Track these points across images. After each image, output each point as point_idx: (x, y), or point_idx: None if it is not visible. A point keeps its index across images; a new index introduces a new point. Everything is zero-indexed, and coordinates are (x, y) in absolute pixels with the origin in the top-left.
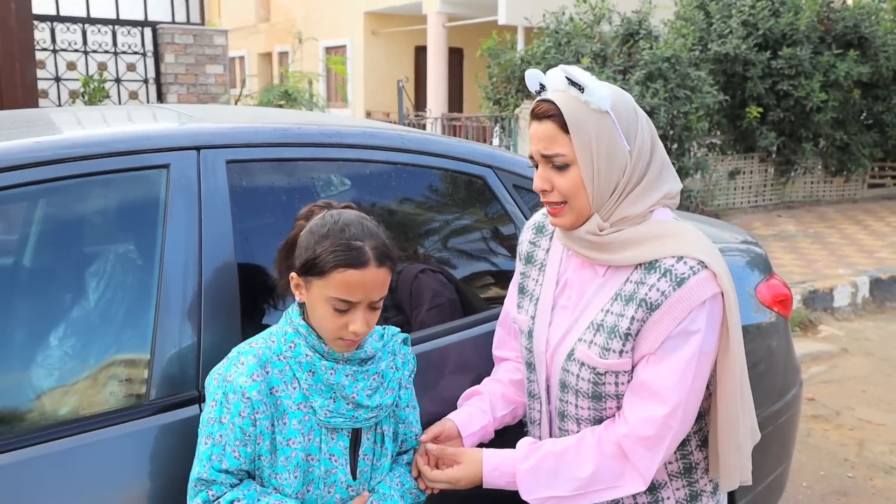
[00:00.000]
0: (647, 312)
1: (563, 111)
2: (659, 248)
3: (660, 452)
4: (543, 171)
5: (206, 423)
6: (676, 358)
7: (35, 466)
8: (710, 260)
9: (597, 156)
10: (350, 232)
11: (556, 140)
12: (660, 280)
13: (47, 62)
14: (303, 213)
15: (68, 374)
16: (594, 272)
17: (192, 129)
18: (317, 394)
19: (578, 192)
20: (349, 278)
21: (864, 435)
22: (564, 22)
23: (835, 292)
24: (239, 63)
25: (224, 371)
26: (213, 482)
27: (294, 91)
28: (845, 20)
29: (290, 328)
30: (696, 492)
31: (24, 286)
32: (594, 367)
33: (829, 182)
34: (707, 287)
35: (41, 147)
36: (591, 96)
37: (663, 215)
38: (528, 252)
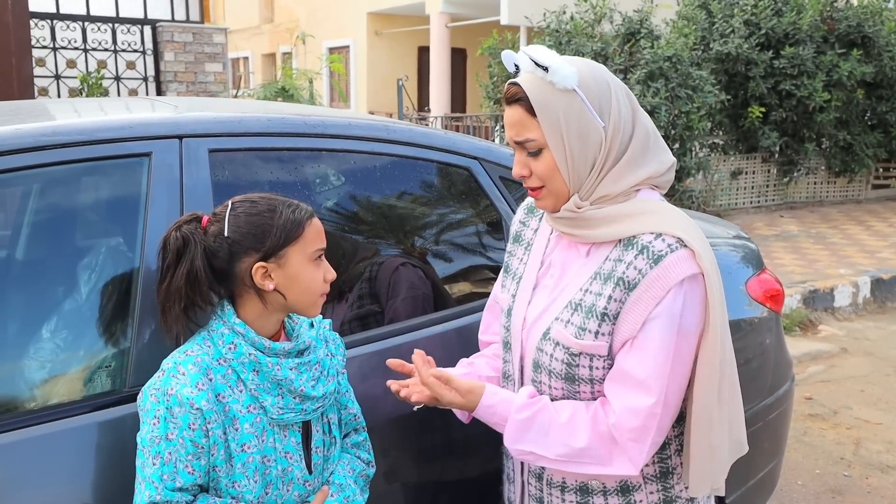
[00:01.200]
0: (625, 292)
1: (528, 94)
2: (637, 224)
3: (647, 441)
4: (520, 156)
5: (150, 442)
6: (656, 343)
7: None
8: (689, 238)
9: (567, 137)
10: (278, 198)
11: (525, 125)
12: (637, 257)
13: (47, 60)
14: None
15: (47, 361)
16: (577, 252)
17: (175, 117)
18: (265, 392)
19: (554, 174)
20: (316, 226)
21: (862, 434)
22: (565, 21)
23: (835, 292)
24: (243, 63)
25: (163, 385)
26: (167, 503)
27: (292, 88)
28: (849, 19)
29: (225, 329)
30: (671, 497)
31: (2, 272)
32: (568, 346)
33: (832, 182)
34: (685, 266)
35: (22, 134)
36: (555, 76)
37: (649, 196)
38: (517, 231)
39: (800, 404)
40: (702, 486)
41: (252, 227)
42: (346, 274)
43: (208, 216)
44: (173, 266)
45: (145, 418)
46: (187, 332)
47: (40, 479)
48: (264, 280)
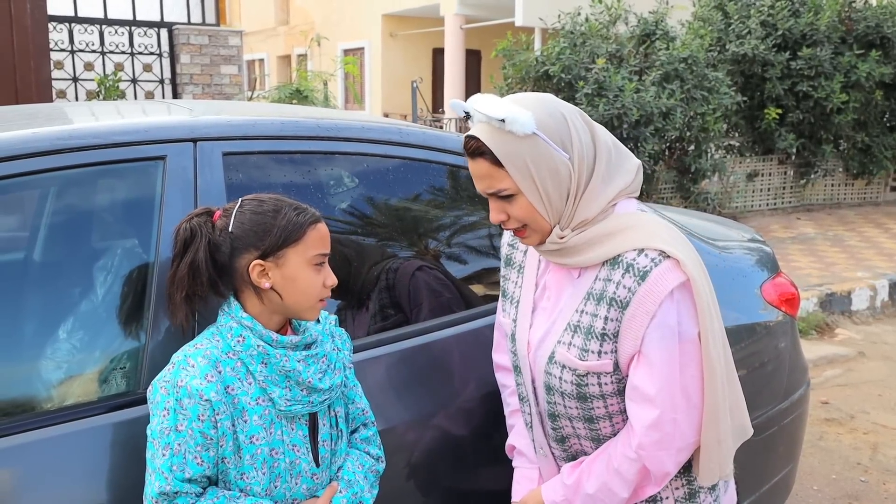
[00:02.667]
0: (619, 311)
1: (491, 148)
2: (620, 243)
3: (673, 446)
4: (494, 203)
5: (160, 434)
6: (659, 356)
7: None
8: (671, 248)
9: (539, 179)
10: (287, 200)
11: (494, 177)
12: (624, 276)
13: (65, 63)
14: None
15: (63, 362)
16: (568, 273)
17: (189, 121)
18: (273, 384)
19: (533, 215)
20: (320, 231)
21: (879, 439)
22: (580, 23)
23: (853, 295)
24: (259, 65)
25: (172, 377)
26: (176, 494)
27: (306, 90)
28: (867, 20)
29: (233, 323)
30: (695, 489)
31: (20, 274)
32: (574, 368)
33: (849, 185)
34: (671, 276)
35: (39, 138)
36: (514, 125)
37: (626, 207)
38: (507, 255)
39: (816, 408)
40: (711, 476)
41: (254, 225)
42: (363, 278)
43: (220, 211)
44: (180, 255)
45: (155, 410)
46: (193, 323)
47: (56, 480)
48: (261, 278)
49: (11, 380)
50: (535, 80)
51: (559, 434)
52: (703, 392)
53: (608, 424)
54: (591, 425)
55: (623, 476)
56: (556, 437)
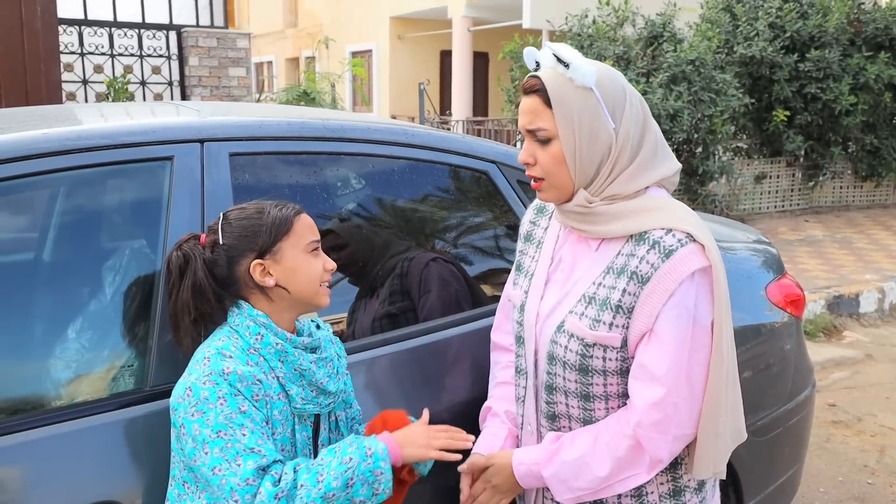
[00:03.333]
0: (638, 286)
1: (547, 86)
2: (648, 220)
3: (670, 432)
4: (528, 144)
5: (227, 421)
6: (671, 335)
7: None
8: (698, 233)
9: (579, 132)
10: (266, 201)
11: (539, 114)
12: (649, 252)
13: (75, 65)
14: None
15: (72, 361)
16: (587, 246)
17: (196, 121)
18: (290, 382)
19: (559, 168)
20: (306, 221)
21: (886, 441)
22: (587, 25)
23: (861, 298)
24: (267, 68)
25: (214, 368)
26: (271, 464)
27: (313, 92)
28: (876, 22)
29: (249, 322)
30: (680, 487)
31: (29, 274)
32: (583, 337)
33: (858, 187)
34: (695, 259)
35: (49, 138)
36: (575, 73)
37: (658, 193)
38: (527, 231)
39: (823, 411)
40: (705, 470)
41: (243, 230)
42: (372, 274)
43: (204, 234)
44: (178, 283)
45: (206, 407)
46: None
47: (66, 475)
48: (264, 277)
49: (19, 378)
50: None
51: (551, 411)
52: (707, 382)
53: (603, 406)
54: (586, 404)
55: (611, 451)
56: (548, 414)
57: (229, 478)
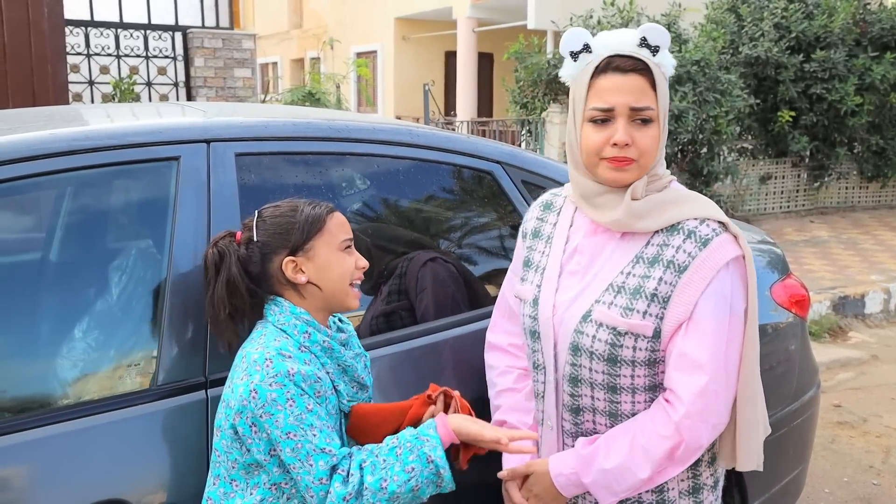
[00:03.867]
0: (675, 275)
1: (653, 68)
2: (681, 212)
3: (710, 420)
4: (626, 125)
5: (298, 421)
6: (711, 323)
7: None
8: (729, 224)
9: (665, 116)
10: (301, 199)
11: (646, 94)
12: (685, 241)
13: (81, 66)
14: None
15: (78, 360)
16: (609, 235)
17: (203, 122)
18: (338, 379)
19: (654, 150)
20: (339, 219)
21: (891, 442)
22: (592, 25)
23: (866, 298)
24: (272, 68)
25: (279, 369)
26: (339, 461)
27: (318, 92)
28: (882, 22)
29: (295, 320)
30: (699, 485)
31: (37, 273)
32: (614, 326)
33: (864, 188)
34: (730, 248)
35: (57, 138)
36: (664, 60)
37: (679, 186)
38: (535, 227)
39: (828, 412)
40: (749, 461)
41: (277, 227)
42: (376, 273)
43: (240, 231)
44: (213, 278)
45: (275, 409)
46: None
47: (77, 471)
48: (296, 273)
49: (25, 377)
50: (547, 82)
51: (575, 404)
52: (740, 371)
53: (629, 399)
54: (613, 396)
55: (649, 454)
56: (571, 407)
57: (303, 476)
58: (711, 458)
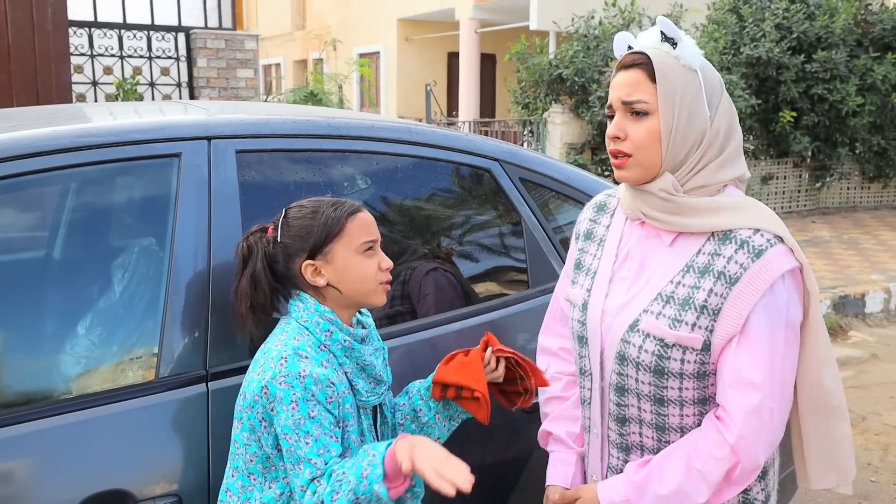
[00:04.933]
0: (726, 286)
1: (653, 60)
2: (733, 219)
3: (766, 437)
4: (621, 118)
5: (295, 426)
6: (765, 336)
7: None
8: (785, 235)
9: (679, 110)
10: (326, 199)
11: (640, 87)
12: (737, 252)
13: (85, 67)
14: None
15: (82, 357)
16: (659, 242)
17: (203, 119)
18: (356, 376)
19: (652, 144)
20: (362, 219)
21: (890, 440)
22: (594, 26)
23: (867, 298)
24: (275, 70)
25: (292, 370)
26: (324, 472)
27: (320, 92)
28: (883, 23)
29: (318, 318)
30: (749, 500)
31: (41, 269)
32: (662, 338)
33: (866, 188)
34: (785, 260)
35: (60, 135)
36: (684, 52)
37: (736, 192)
38: (587, 229)
39: None
40: (825, 478)
41: (298, 230)
42: None
43: (271, 226)
44: (240, 271)
45: (280, 407)
46: (256, 331)
47: (79, 461)
48: (315, 277)
49: (31, 371)
50: (549, 82)
51: (621, 414)
52: (801, 385)
53: (677, 412)
54: (660, 409)
55: (706, 478)
56: (617, 417)
57: (293, 478)
58: (762, 473)
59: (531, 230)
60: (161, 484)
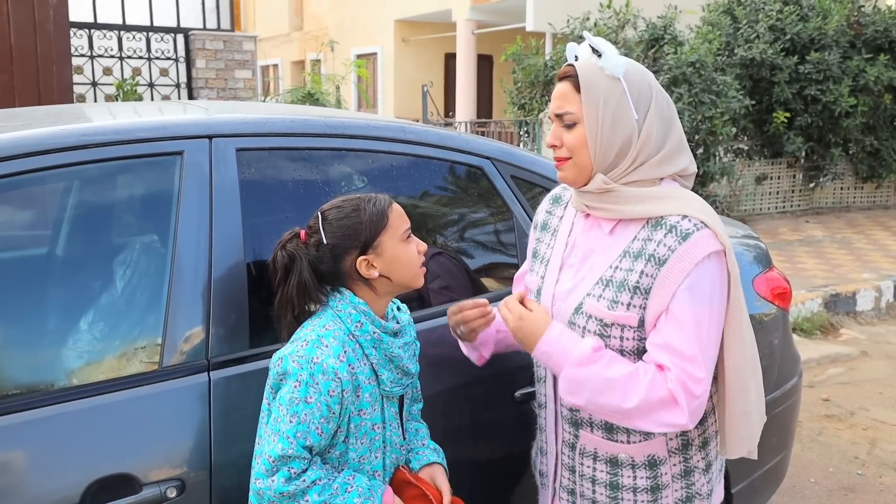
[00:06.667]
0: (656, 267)
1: (578, 72)
2: (665, 207)
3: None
4: (556, 128)
5: (290, 402)
6: (688, 313)
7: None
8: (710, 221)
9: (602, 117)
10: (357, 196)
11: (568, 99)
12: (666, 236)
13: (85, 68)
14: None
15: (89, 346)
16: (601, 231)
17: (205, 118)
18: (382, 367)
19: (581, 148)
20: (397, 210)
21: (877, 434)
22: (589, 27)
23: (858, 296)
24: (273, 70)
25: (307, 354)
26: (293, 458)
27: (318, 93)
28: (875, 24)
29: (352, 310)
30: (690, 468)
31: (47, 264)
32: (601, 318)
33: (859, 188)
34: (710, 242)
35: (66, 134)
36: (607, 62)
37: (673, 184)
38: (543, 220)
39: (817, 405)
40: (738, 448)
41: (345, 229)
42: None
43: (305, 230)
44: (283, 281)
45: (289, 380)
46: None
47: (85, 447)
48: (369, 270)
49: (40, 360)
50: (545, 83)
51: None
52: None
53: None
54: None
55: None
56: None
57: (263, 445)
58: (702, 442)
59: (522, 227)
60: (165, 469)
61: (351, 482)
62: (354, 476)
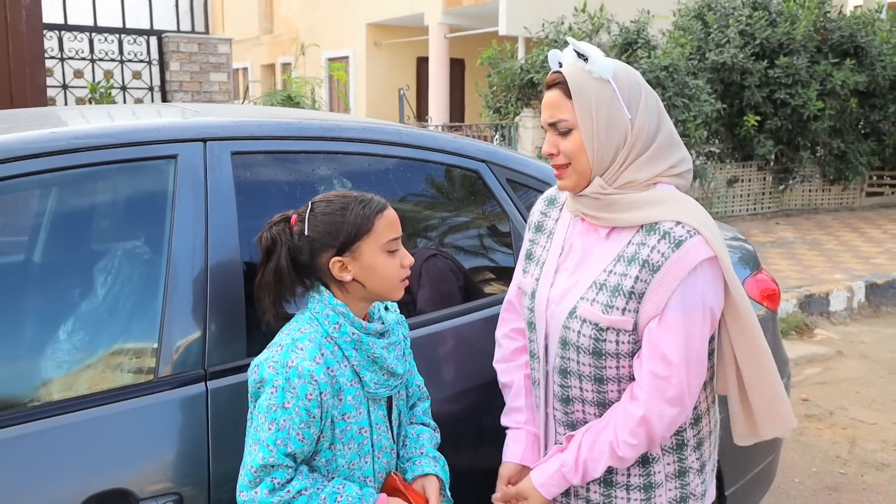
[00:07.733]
0: (650, 273)
1: (567, 79)
2: (659, 212)
3: (667, 393)
4: (551, 136)
5: (267, 409)
6: (679, 319)
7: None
8: (704, 228)
9: (597, 120)
10: (353, 194)
11: (560, 107)
12: (660, 242)
13: (55, 70)
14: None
15: (82, 357)
16: (597, 236)
17: (200, 121)
18: (364, 369)
19: (580, 154)
20: (389, 217)
21: (857, 434)
22: (563, 31)
23: (831, 297)
24: (242, 74)
25: (282, 358)
26: (276, 467)
27: (296, 96)
28: (841, 30)
29: (329, 311)
30: (685, 468)
31: (36, 272)
32: (596, 322)
33: (827, 190)
34: (703, 249)
35: (57, 137)
36: (594, 65)
37: (667, 188)
38: (538, 221)
39: (796, 405)
40: (775, 429)
41: (327, 226)
42: None
43: (295, 216)
44: (264, 263)
45: (265, 387)
46: (276, 320)
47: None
48: (342, 272)
49: (30, 371)
50: (520, 87)
51: (565, 394)
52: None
53: (615, 388)
54: (600, 387)
55: (626, 456)
56: (561, 398)
57: (245, 456)
58: (697, 442)
59: (518, 230)
60: (162, 482)
61: (341, 491)
62: (345, 485)
